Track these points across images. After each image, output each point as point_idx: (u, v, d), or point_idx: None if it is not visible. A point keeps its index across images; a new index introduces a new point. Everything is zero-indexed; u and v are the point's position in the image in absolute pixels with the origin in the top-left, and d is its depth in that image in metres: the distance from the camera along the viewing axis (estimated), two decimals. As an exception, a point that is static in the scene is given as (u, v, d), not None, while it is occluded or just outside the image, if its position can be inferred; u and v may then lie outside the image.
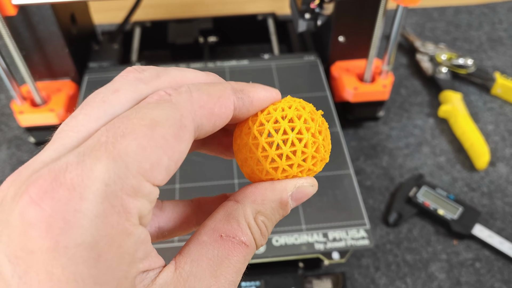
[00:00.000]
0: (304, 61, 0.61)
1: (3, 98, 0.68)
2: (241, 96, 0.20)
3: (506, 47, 0.76)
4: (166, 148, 0.16)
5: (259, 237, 0.20)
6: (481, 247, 0.51)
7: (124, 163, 0.15)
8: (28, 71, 0.51)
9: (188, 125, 0.17)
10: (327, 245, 0.43)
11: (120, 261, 0.15)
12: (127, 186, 0.15)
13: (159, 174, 0.16)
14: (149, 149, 0.16)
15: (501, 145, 0.61)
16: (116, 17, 0.73)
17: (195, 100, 0.18)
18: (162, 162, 0.16)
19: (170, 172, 0.17)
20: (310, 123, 0.20)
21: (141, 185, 0.16)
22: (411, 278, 0.49)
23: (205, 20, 0.71)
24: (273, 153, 0.20)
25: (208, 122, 0.18)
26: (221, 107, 0.19)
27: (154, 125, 0.16)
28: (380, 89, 0.57)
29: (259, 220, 0.20)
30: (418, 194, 0.54)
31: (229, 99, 0.19)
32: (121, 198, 0.15)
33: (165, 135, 0.16)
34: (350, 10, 0.55)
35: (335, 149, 0.50)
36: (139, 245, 0.16)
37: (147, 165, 0.16)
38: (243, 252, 0.19)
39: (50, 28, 0.54)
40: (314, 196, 0.46)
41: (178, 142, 0.17)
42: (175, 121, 0.17)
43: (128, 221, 0.15)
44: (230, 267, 0.18)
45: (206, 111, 0.18)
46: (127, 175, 0.15)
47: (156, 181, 0.16)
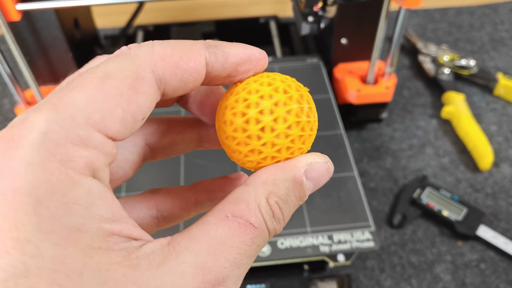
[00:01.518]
0: (307, 64, 0.61)
1: (7, 103, 0.68)
2: (214, 51, 0.19)
3: (508, 47, 0.76)
4: (120, 100, 0.16)
5: (271, 220, 0.18)
6: (485, 248, 0.51)
7: (69, 113, 0.15)
8: (32, 76, 0.51)
9: (146, 76, 0.17)
10: (332, 248, 0.43)
11: (67, 210, 0.14)
12: (72, 135, 0.15)
13: (113, 125, 0.16)
14: (99, 100, 0.15)
15: (505, 146, 0.61)
16: (119, 21, 0.74)
17: (156, 53, 0.17)
18: (115, 114, 0.16)
19: (128, 124, 0.16)
20: (293, 100, 0.19)
21: (90, 135, 0.15)
22: (416, 280, 0.49)
23: (207, 23, 0.71)
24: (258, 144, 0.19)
25: (173, 75, 0.18)
26: (188, 60, 0.18)
27: (106, 77, 0.16)
28: (383, 90, 0.57)
29: (272, 201, 0.18)
30: (422, 196, 0.54)
31: (199, 53, 0.18)
32: (64, 146, 0.15)
33: (119, 86, 0.16)
34: (352, 13, 0.55)
35: (339, 151, 0.51)
36: (94, 199, 0.15)
37: (97, 116, 0.15)
38: (250, 234, 0.17)
39: (53, 33, 0.54)
40: (318, 198, 0.46)
41: (134, 93, 0.16)
42: (130, 73, 0.16)
43: (73, 169, 0.15)
44: (233, 248, 0.17)
45: (169, 63, 0.18)
46: (73, 125, 0.15)
47: (110, 133, 0.16)
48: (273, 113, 0.19)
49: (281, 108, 0.19)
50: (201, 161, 0.50)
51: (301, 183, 0.19)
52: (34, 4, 0.47)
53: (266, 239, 0.18)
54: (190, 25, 0.71)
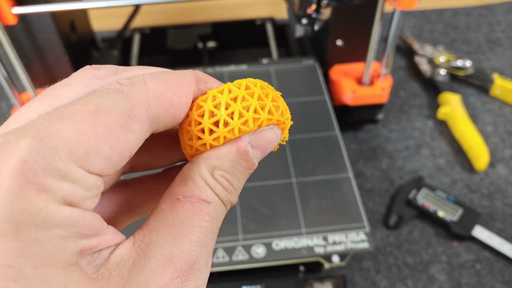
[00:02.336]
0: (303, 65, 0.61)
1: (4, 106, 0.68)
2: (202, 87, 0.19)
3: (504, 48, 0.76)
4: (109, 137, 0.16)
5: (222, 192, 0.18)
6: (481, 249, 0.52)
7: (52, 144, 0.15)
8: (29, 79, 0.52)
9: (139, 115, 0.17)
10: (327, 249, 0.43)
11: (48, 234, 0.14)
12: (52, 168, 0.15)
13: (97, 163, 0.15)
14: (86, 135, 0.15)
15: (500, 146, 0.62)
16: (115, 24, 0.74)
17: (150, 90, 0.17)
18: (101, 151, 0.15)
19: (114, 162, 0.16)
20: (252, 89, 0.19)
21: (70, 169, 0.15)
22: (412, 280, 0.49)
23: (204, 25, 0.71)
24: (208, 123, 0.19)
25: (166, 113, 0.18)
26: (181, 96, 0.18)
27: (98, 111, 0.16)
28: (378, 92, 0.57)
29: (217, 175, 0.18)
30: (418, 196, 0.54)
31: (190, 87, 0.18)
32: (42, 177, 0.14)
33: (109, 123, 0.16)
34: (347, 14, 0.56)
35: (334, 152, 0.51)
36: (75, 222, 0.15)
37: (81, 151, 0.15)
38: (206, 210, 0.17)
39: (50, 36, 0.54)
40: (313, 200, 0.46)
41: (125, 132, 0.16)
42: (123, 110, 0.16)
43: (49, 199, 0.15)
44: (194, 228, 0.17)
45: (163, 101, 0.17)
46: (53, 156, 0.15)
47: (93, 169, 0.15)
48: (229, 108, 0.19)
49: (238, 103, 0.19)
50: None
51: (246, 153, 0.19)
52: (30, 8, 0.48)
53: (224, 211, 0.18)
54: (186, 27, 0.71)
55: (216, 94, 0.19)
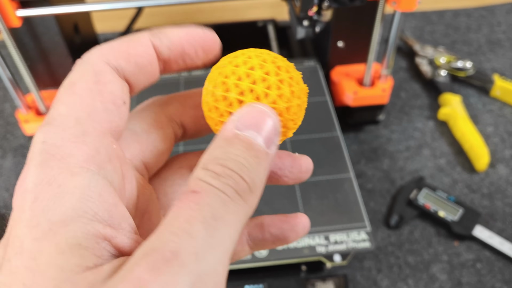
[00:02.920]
0: (304, 67, 0.61)
1: (8, 107, 0.69)
2: (158, 35, 0.20)
3: (505, 49, 0.76)
4: (93, 95, 0.18)
5: (214, 179, 0.16)
6: (481, 248, 0.52)
7: (59, 122, 0.17)
8: (33, 81, 0.52)
9: (103, 69, 0.18)
10: (329, 248, 0.43)
11: (59, 201, 0.15)
12: (68, 135, 0.17)
13: (100, 117, 0.18)
14: (77, 103, 0.17)
15: (501, 147, 0.62)
16: (118, 26, 0.74)
17: (104, 48, 0.19)
18: (95, 107, 0.18)
19: (113, 111, 0.18)
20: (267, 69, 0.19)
21: (85, 131, 0.17)
22: (413, 280, 0.50)
23: (205, 27, 0.72)
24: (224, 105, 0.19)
25: (127, 62, 0.19)
26: (135, 46, 0.19)
27: (72, 85, 0.18)
28: (379, 93, 0.58)
29: (210, 166, 0.16)
30: (418, 197, 0.55)
31: (144, 38, 0.20)
32: (62, 146, 0.17)
33: (85, 86, 0.18)
34: (348, 16, 0.56)
35: (336, 153, 0.51)
36: (92, 192, 0.16)
37: (83, 114, 0.18)
38: (193, 200, 0.15)
39: (54, 39, 0.55)
40: (315, 200, 0.47)
41: (102, 85, 0.18)
42: (88, 73, 0.18)
43: (73, 163, 0.16)
44: (178, 219, 0.15)
45: (119, 53, 0.19)
46: (64, 129, 0.17)
47: (103, 123, 0.18)
48: (250, 76, 0.19)
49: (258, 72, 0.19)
50: None
51: (236, 137, 0.17)
52: (34, 10, 0.48)
53: (219, 197, 0.15)
54: (189, 29, 0.71)
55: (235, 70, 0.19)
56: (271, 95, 0.19)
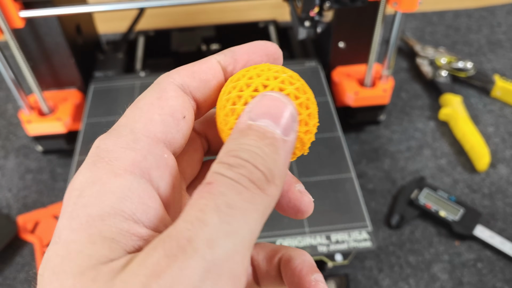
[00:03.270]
0: (305, 67, 0.62)
1: (11, 108, 0.69)
2: (225, 52, 0.21)
3: (505, 49, 0.76)
4: (153, 108, 0.19)
5: (227, 170, 0.16)
6: (482, 248, 0.52)
7: (116, 130, 0.18)
8: (36, 81, 0.53)
9: (168, 87, 0.19)
10: (330, 248, 0.44)
11: (100, 198, 0.16)
12: (121, 142, 0.18)
13: (156, 127, 0.18)
14: (137, 115, 0.18)
15: (502, 147, 0.62)
16: (120, 26, 0.75)
17: (171, 72, 0.20)
18: (154, 118, 0.18)
19: (170, 123, 0.19)
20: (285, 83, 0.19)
21: (137, 138, 0.18)
22: (414, 279, 0.50)
23: (207, 28, 0.72)
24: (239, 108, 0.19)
25: (192, 79, 0.20)
26: (200, 65, 0.20)
27: (137, 101, 0.19)
28: (380, 93, 0.58)
29: (224, 159, 0.16)
30: (419, 196, 0.55)
31: (209, 59, 0.20)
32: (112, 151, 0.17)
33: (148, 101, 0.19)
34: (349, 17, 0.56)
35: (337, 153, 0.51)
36: (133, 193, 0.17)
37: (140, 125, 0.18)
38: (207, 191, 0.15)
39: (56, 39, 0.55)
40: (316, 199, 0.47)
41: (164, 100, 0.19)
42: (154, 91, 0.19)
43: (118, 166, 0.17)
44: (191, 208, 0.15)
45: (185, 72, 0.20)
46: (118, 135, 0.18)
47: (156, 133, 0.18)
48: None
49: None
50: None
51: (249, 127, 0.17)
52: (37, 11, 0.49)
53: (234, 187, 0.15)
54: (190, 30, 0.72)
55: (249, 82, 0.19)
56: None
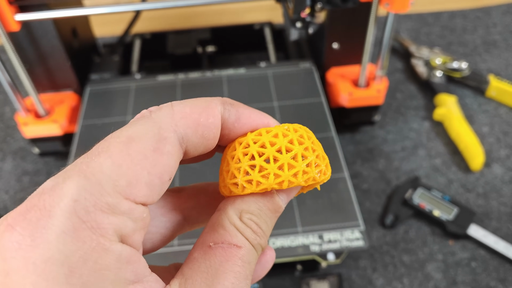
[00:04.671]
0: (300, 68, 0.62)
1: (8, 111, 0.70)
2: (229, 108, 0.19)
3: (500, 50, 0.77)
4: (145, 163, 0.16)
5: (252, 236, 0.18)
6: (476, 247, 0.52)
7: (97, 180, 0.15)
8: (32, 84, 0.53)
9: (169, 136, 0.17)
10: (323, 247, 0.44)
11: (99, 277, 0.15)
12: (101, 203, 0.15)
13: (140, 191, 0.16)
14: (124, 166, 0.16)
15: (496, 147, 0.62)
16: (116, 29, 0.75)
17: (176, 112, 0.18)
18: (140, 178, 0.16)
19: (155, 187, 0.17)
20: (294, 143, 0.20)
21: (118, 202, 0.15)
22: (408, 278, 0.50)
23: (203, 30, 0.72)
24: (246, 164, 0.19)
25: (194, 133, 0.18)
26: (207, 116, 0.18)
27: (129, 141, 0.16)
28: (374, 94, 0.58)
29: (245, 218, 0.18)
30: (414, 196, 0.55)
31: (216, 108, 0.19)
32: (94, 213, 0.15)
33: (143, 150, 0.16)
34: (342, 18, 0.57)
35: (330, 153, 0.52)
36: (123, 263, 0.15)
37: (123, 182, 0.16)
38: (238, 255, 0.17)
39: (52, 42, 0.55)
40: (309, 199, 0.47)
41: (159, 155, 0.17)
42: (153, 134, 0.17)
43: (103, 236, 0.15)
44: (226, 273, 0.17)
45: (189, 121, 0.18)
46: (101, 192, 0.15)
47: (138, 198, 0.16)
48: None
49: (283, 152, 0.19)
50: (196, 164, 0.51)
51: (271, 197, 0.19)
52: (32, 15, 0.49)
53: (255, 255, 0.18)
54: (186, 32, 0.72)
55: (267, 140, 0.19)
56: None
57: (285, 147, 0.19)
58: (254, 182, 0.19)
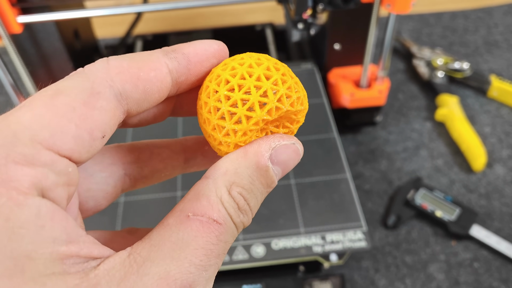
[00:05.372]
0: (301, 69, 0.62)
1: (10, 112, 0.70)
2: (174, 55, 0.18)
3: (502, 50, 0.77)
4: (72, 115, 0.15)
5: (236, 213, 0.17)
6: (479, 247, 0.52)
7: (11, 131, 0.14)
8: (34, 86, 0.53)
9: (103, 91, 0.16)
10: (325, 248, 0.44)
11: (13, 236, 0.13)
12: (15, 154, 0.14)
13: (65, 143, 0.15)
14: (47, 117, 0.15)
15: (498, 147, 0.62)
16: (118, 31, 0.75)
17: (112, 67, 0.17)
18: (67, 130, 0.15)
19: (84, 142, 0.15)
20: (272, 71, 0.18)
21: (37, 152, 0.14)
22: (410, 279, 0.50)
23: (204, 31, 0.73)
24: (227, 107, 0.17)
25: (134, 88, 0.17)
26: (149, 70, 0.17)
27: (56, 94, 0.15)
28: (376, 94, 0.58)
29: (235, 192, 0.17)
30: (416, 197, 0.55)
31: (158, 61, 0.18)
32: (4, 166, 0.14)
33: (70, 102, 0.15)
34: (344, 19, 0.57)
35: (332, 154, 0.52)
36: (44, 220, 0.14)
37: (46, 133, 0.14)
38: (215, 232, 0.16)
39: (54, 44, 0.56)
40: (312, 200, 0.47)
41: (89, 109, 0.16)
42: (84, 89, 0.16)
43: (16, 189, 0.14)
44: (197, 250, 0.16)
45: (127, 76, 0.17)
46: (14, 142, 0.14)
47: (63, 150, 0.15)
48: (243, 88, 0.18)
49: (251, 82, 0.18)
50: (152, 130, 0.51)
51: (266, 169, 0.18)
52: (35, 17, 0.49)
53: (234, 234, 0.17)
54: (188, 33, 0.72)
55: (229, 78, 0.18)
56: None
57: (264, 75, 0.18)
58: (256, 105, 0.17)
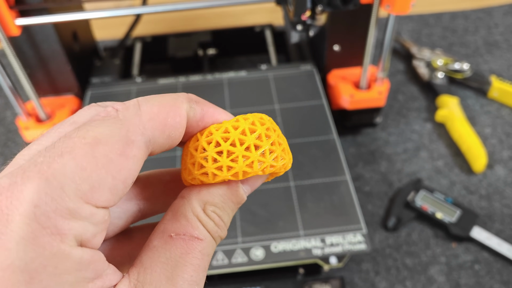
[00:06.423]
0: (301, 71, 0.62)
1: (9, 115, 0.70)
2: (195, 106, 0.19)
3: (502, 50, 0.76)
4: (110, 167, 0.16)
5: (214, 228, 0.19)
6: (479, 249, 0.52)
7: (59, 183, 0.15)
8: (33, 88, 0.53)
9: (136, 140, 0.17)
10: (325, 250, 0.44)
11: (59, 281, 0.14)
12: (62, 208, 0.15)
13: (102, 195, 0.16)
14: (88, 169, 0.15)
15: (499, 148, 0.62)
16: (117, 33, 0.75)
17: (144, 113, 0.17)
18: (104, 183, 0.16)
19: (118, 191, 0.16)
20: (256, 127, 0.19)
21: (79, 207, 0.15)
22: (411, 282, 0.50)
23: (204, 33, 0.72)
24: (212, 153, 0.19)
25: (161, 134, 0.18)
26: (174, 116, 0.18)
27: (96, 143, 0.16)
28: (376, 96, 0.58)
29: (209, 211, 0.19)
30: (416, 198, 0.55)
31: (182, 107, 0.19)
32: (54, 219, 0.14)
33: (109, 153, 0.16)
34: (343, 20, 0.57)
35: (332, 156, 0.51)
36: (83, 265, 0.15)
37: (86, 187, 0.15)
38: (198, 247, 0.18)
39: (53, 47, 0.55)
40: (311, 202, 0.47)
41: (124, 159, 0.16)
42: (120, 138, 0.16)
43: (63, 242, 0.15)
44: (186, 266, 0.17)
45: (157, 122, 0.18)
46: (62, 196, 0.15)
47: (100, 203, 0.16)
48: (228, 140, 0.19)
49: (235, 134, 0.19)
50: None
51: (236, 189, 0.19)
52: (33, 19, 0.49)
53: (214, 247, 0.19)
54: (187, 35, 0.72)
55: (228, 127, 0.19)
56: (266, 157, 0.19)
57: (248, 129, 0.19)
58: (224, 167, 0.19)
